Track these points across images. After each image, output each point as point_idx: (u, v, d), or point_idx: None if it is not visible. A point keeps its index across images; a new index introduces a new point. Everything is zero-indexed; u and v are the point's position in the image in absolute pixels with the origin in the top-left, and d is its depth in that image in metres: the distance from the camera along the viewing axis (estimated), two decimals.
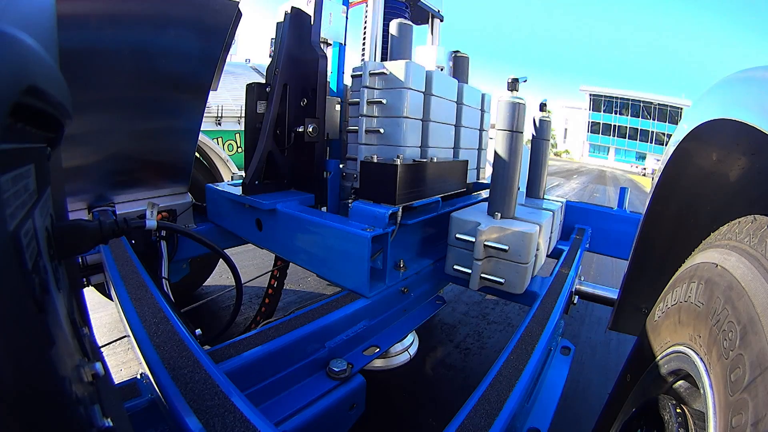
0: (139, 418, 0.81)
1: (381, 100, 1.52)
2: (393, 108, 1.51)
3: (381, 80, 1.54)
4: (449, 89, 1.80)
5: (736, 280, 0.63)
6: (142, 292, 1.07)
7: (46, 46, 0.38)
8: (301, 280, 3.13)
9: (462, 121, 1.94)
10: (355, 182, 1.70)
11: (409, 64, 1.48)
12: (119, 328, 2.17)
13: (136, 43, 1.45)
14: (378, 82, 1.54)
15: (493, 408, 0.81)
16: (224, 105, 5.23)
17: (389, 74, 1.50)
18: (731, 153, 0.86)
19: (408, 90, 1.49)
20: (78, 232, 0.65)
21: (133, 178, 1.84)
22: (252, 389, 0.95)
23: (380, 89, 1.54)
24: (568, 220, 2.44)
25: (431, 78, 1.61)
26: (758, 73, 0.70)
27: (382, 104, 1.53)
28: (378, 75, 1.53)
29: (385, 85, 1.53)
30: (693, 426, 0.68)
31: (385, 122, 1.53)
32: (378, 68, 1.52)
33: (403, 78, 1.48)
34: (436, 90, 1.65)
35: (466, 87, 1.93)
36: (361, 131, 1.55)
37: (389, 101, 1.51)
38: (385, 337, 1.34)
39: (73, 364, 0.45)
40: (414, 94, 1.53)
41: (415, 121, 1.57)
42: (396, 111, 1.50)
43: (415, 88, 1.53)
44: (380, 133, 1.54)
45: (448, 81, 1.80)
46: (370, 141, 1.57)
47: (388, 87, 1.52)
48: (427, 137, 1.65)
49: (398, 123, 1.50)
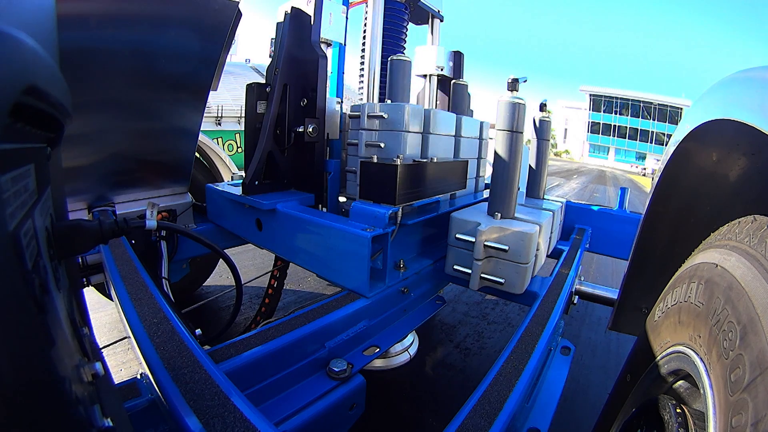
0: (139, 418, 0.80)
1: (379, 144, 1.54)
2: (391, 150, 1.53)
3: (379, 123, 1.55)
4: (447, 125, 1.81)
5: (736, 280, 0.63)
6: (142, 292, 1.07)
7: (46, 46, 0.38)
8: (301, 280, 3.13)
9: (460, 154, 1.96)
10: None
11: (408, 108, 1.50)
12: (119, 328, 2.17)
13: (136, 43, 1.45)
14: (376, 124, 1.56)
15: (493, 408, 0.81)
16: (224, 105, 5.24)
17: (387, 118, 1.52)
18: (731, 153, 0.86)
19: (406, 133, 1.51)
20: (78, 232, 0.65)
21: (133, 178, 1.84)
22: (252, 389, 0.95)
23: (378, 131, 1.56)
24: (568, 220, 2.44)
25: (429, 117, 1.62)
26: (758, 73, 0.70)
27: (380, 147, 1.54)
28: (376, 118, 1.55)
29: (383, 127, 1.55)
30: (693, 426, 0.68)
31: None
32: (376, 111, 1.54)
33: (402, 121, 1.49)
34: (434, 128, 1.67)
35: (464, 119, 1.94)
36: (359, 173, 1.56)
37: (387, 144, 1.53)
38: (385, 337, 1.34)
39: (73, 364, 0.45)
40: (412, 136, 1.55)
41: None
42: (394, 153, 1.51)
43: (413, 131, 1.55)
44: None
45: (447, 117, 1.82)
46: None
47: (386, 129, 1.53)
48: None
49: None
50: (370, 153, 1.55)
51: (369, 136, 1.56)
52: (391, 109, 1.51)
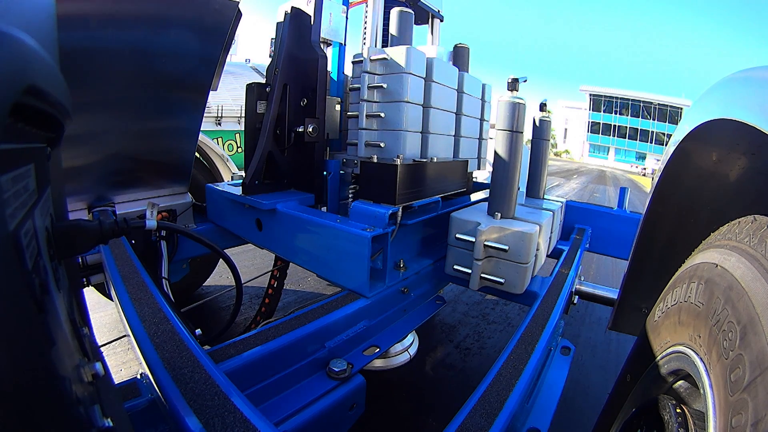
0: (139, 418, 0.80)
1: (382, 84, 1.50)
2: (394, 93, 1.49)
3: (382, 66, 1.52)
4: (450, 77, 1.78)
5: (736, 280, 0.63)
6: (142, 292, 1.07)
7: (46, 46, 0.38)
8: (301, 280, 3.13)
9: (463, 110, 1.93)
10: (355, 168, 1.67)
11: (410, 50, 1.47)
12: (119, 328, 2.16)
13: (136, 43, 1.45)
14: (379, 67, 1.53)
15: (493, 408, 0.81)
16: (224, 105, 5.23)
17: (390, 59, 1.49)
18: (731, 153, 0.86)
19: (409, 75, 1.47)
20: (78, 232, 0.65)
21: (133, 178, 1.84)
22: (252, 389, 0.95)
23: (381, 74, 1.52)
24: (568, 220, 2.44)
25: (432, 65, 1.59)
26: (758, 73, 0.70)
27: (382, 89, 1.51)
28: (379, 61, 1.52)
29: (385, 71, 1.51)
30: (693, 426, 0.68)
31: (386, 107, 1.51)
32: (379, 54, 1.51)
33: (404, 63, 1.46)
34: (437, 77, 1.63)
35: (466, 76, 1.92)
36: (362, 116, 1.53)
37: (390, 86, 1.49)
38: (385, 337, 1.34)
39: (73, 364, 0.45)
40: (414, 80, 1.51)
41: (416, 107, 1.55)
42: (397, 96, 1.48)
43: (416, 74, 1.51)
44: (381, 117, 1.51)
45: (449, 68, 1.79)
46: (370, 126, 1.55)
47: (389, 72, 1.50)
48: (428, 124, 1.63)
49: (399, 108, 1.48)
50: (373, 96, 1.53)
51: (371, 79, 1.53)
52: (394, 51, 1.49)
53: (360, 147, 1.54)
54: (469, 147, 2.06)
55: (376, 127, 1.54)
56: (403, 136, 1.48)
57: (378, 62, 1.52)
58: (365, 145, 1.54)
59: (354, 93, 1.62)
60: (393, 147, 1.49)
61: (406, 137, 1.49)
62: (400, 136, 1.48)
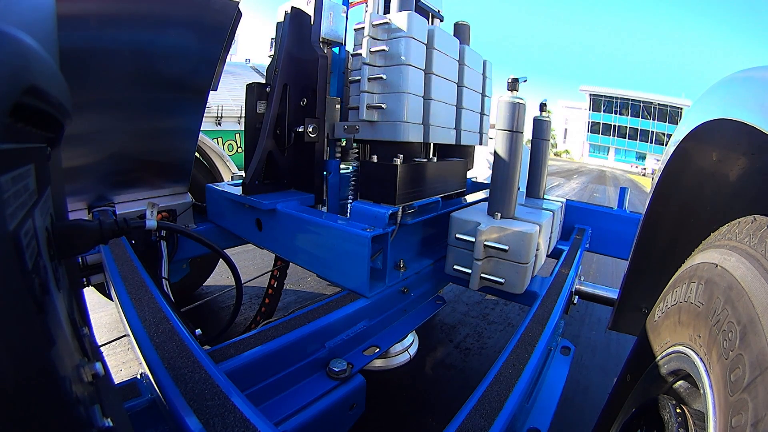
0: (139, 418, 0.80)
1: (384, 48, 1.49)
2: (395, 56, 1.48)
3: (383, 31, 1.51)
4: (451, 47, 1.78)
5: (736, 280, 0.63)
6: (142, 292, 1.07)
7: (46, 46, 0.38)
8: (301, 280, 3.13)
9: (464, 81, 1.92)
10: (356, 134, 1.66)
11: (411, 15, 1.46)
12: (119, 328, 2.16)
13: (136, 43, 1.45)
14: (380, 33, 1.52)
15: (493, 408, 0.81)
16: (224, 105, 5.24)
17: (392, 24, 1.48)
18: (731, 153, 0.86)
19: (410, 38, 1.46)
20: (78, 232, 0.65)
21: (133, 178, 1.84)
22: (252, 389, 0.95)
23: (383, 39, 1.52)
24: (568, 220, 2.44)
25: (433, 33, 1.59)
26: (758, 73, 0.70)
27: (384, 52, 1.50)
28: (381, 25, 1.51)
29: (387, 36, 1.51)
30: (693, 426, 0.68)
31: (388, 70, 1.51)
32: (381, 19, 1.50)
33: (406, 27, 1.45)
34: (438, 45, 1.62)
35: (467, 49, 1.91)
36: (364, 80, 1.52)
37: (392, 49, 1.49)
38: (385, 337, 1.34)
39: (73, 364, 0.45)
40: (416, 44, 1.50)
41: (418, 71, 1.55)
42: (398, 60, 1.48)
43: (418, 39, 1.50)
44: (383, 79, 1.51)
45: (450, 39, 1.78)
46: (372, 89, 1.54)
47: (391, 37, 1.50)
48: (430, 90, 1.63)
49: (401, 70, 1.48)
50: (374, 60, 1.52)
51: (373, 43, 1.52)
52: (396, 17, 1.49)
53: (361, 110, 1.52)
54: (470, 120, 2.05)
55: (377, 90, 1.53)
56: (405, 98, 1.47)
57: (380, 27, 1.51)
58: (366, 107, 1.52)
59: (355, 59, 1.61)
60: (395, 109, 1.49)
61: (408, 99, 1.48)
62: (402, 98, 1.47)
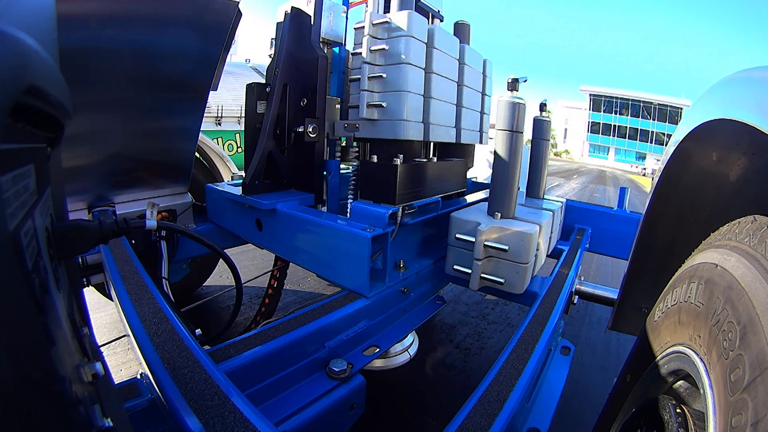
0: (139, 418, 0.80)
1: (384, 47, 1.48)
2: (396, 56, 1.49)
3: (384, 30, 1.51)
4: (451, 46, 1.78)
5: (736, 280, 0.63)
6: (142, 292, 1.07)
7: (46, 46, 0.38)
8: (301, 280, 3.13)
9: (464, 80, 1.92)
10: (356, 132, 1.65)
11: (411, 14, 1.46)
12: (119, 328, 2.16)
13: (136, 43, 1.45)
14: (380, 32, 1.52)
15: (493, 408, 0.81)
16: (224, 105, 5.24)
17: (392, 23, 1.48)
18: (731, 153, 0.86)
19: (410, 37, 1.46)
20: (78, 232, 0.65)
21: (133, 178, 1.84)
22: (252, 389, 0.95)
23: (383, 38, 1.52)
24: (568, 220, 2.44)
25: (433, 32, 1.59)
26: (758, 73, 0.70)
27: (384, 51, 1.50)
28: (381, 25, 1.51)
29: (388, 35, 1.51)
30: (693, 426, 0.68)
31: (388, 70, 1.51)
32: (381, 18, 1.50)
33: (406, 27, 1.45)
34: (438, 44, 1.63)
35: (467, 48, 1.91)
36: (364, 78, 1.52)
37: (392, 48, 1.49)
38: (385, 337, 1.34)
39: (73, 364, 0.45)
40: (416, 43, 1.50)
41: (418, 70, 1.55)
42: (398, 59, 1.48)
43: (418, 38, 1.51)
44: (383, 77, 1.51)
45: (451, 38, 1.79)
46: (373, 88, 1.54)
47: (391, 36, 1.50)
48: (430, 89, 1.63)
49: (401, 69, 1.48)
50: (375, 59, 1.52)
51: (373, 42, 1.52)
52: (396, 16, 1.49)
53: (362, 108, 1.52)
54: (470, 119, 2.05)
55: (377, 89, 1.54)
56: (405, 97, 1.47)
57: (380, 26, 1.51)
58: (367, 106, 1.52)
59: (356, 58, 1.61)
60: (395, 107, 1.49)
61: (408, 98, 1.48)
62: (402, 96, 1.48)
